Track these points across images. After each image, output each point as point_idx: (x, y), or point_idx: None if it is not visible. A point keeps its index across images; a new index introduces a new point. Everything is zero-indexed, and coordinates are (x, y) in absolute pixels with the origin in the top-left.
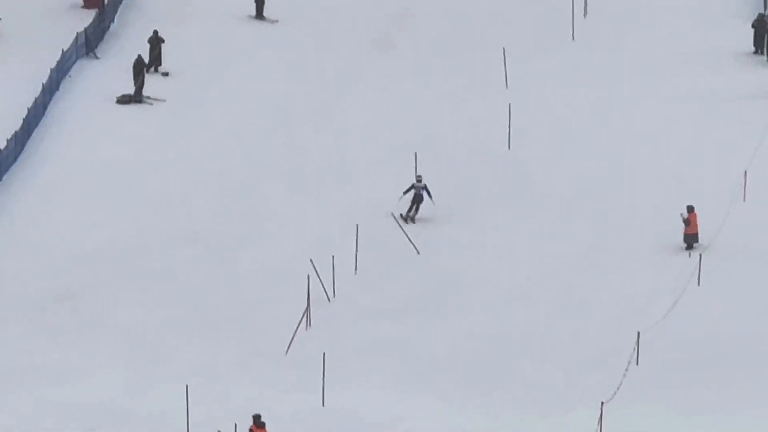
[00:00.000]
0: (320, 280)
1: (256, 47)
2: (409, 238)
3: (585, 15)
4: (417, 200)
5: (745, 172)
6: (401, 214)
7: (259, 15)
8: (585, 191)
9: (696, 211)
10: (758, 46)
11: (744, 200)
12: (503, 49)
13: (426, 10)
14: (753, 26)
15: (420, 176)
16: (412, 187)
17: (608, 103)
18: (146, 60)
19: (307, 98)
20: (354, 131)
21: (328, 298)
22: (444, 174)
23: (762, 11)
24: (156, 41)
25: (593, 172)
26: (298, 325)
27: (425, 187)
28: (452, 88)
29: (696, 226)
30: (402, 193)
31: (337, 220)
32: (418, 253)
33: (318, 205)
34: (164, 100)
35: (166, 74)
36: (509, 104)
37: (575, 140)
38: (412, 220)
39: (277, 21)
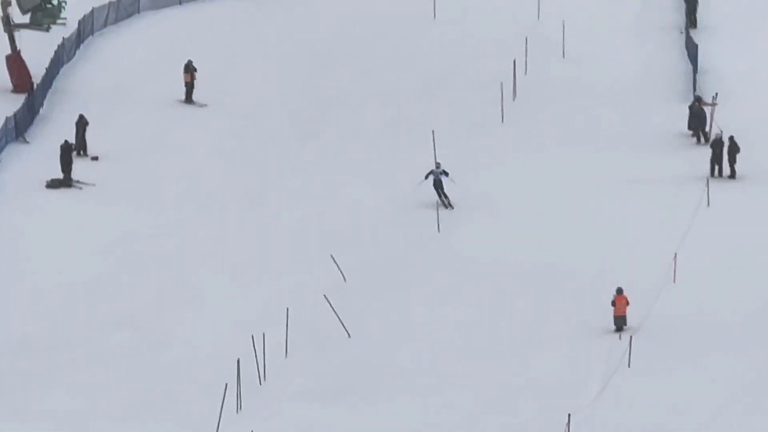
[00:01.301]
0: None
1: (186, 132)
2: (341, 321)
3: (514, 98)
4: (438, 186)
5: (675, 254)
6: (442, 202)
7: (189, 99)
8: (515, 273)
9: (625, 293)
10: (694, 128)
11: (674, 282)
12: (432, 132)
13: (355, 94)
14: (690, 108)
15: (439, 163)
16: (431, 172)
17: (538, 186)
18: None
19: (236, 183)
20: (283, 215)
21: (260, 381)
22: (374, 257)
23: (699, 93)
24: (81, 124)
25: (523, 254)
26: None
27: (443, 172)
28: (382, 171)
29: (623, 308)
30: (423, 178)
31: (267, 304)
32: (349, 336)
33: (248, 288)
34: (94, 185)
35: (95, 158)
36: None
37: (505, 222)
38: (450, 205)
39: (206, 105)
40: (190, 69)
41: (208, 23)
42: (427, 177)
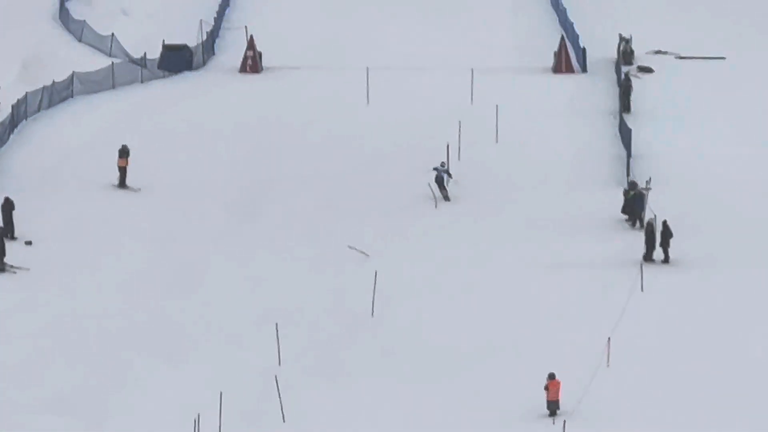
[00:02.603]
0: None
1: (120, 216)
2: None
3: (448, 185)
4: (439, 182)
5: (609, 338)
6: (442, 195)
7: (122, 184)
8: (448, 357)
9: (558, 377)
10: (628, 213)
11: (608, 366)
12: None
13: (288, 178)
14: (624, 194)
15: (443, 162)
16: (435, 169)
17: (471, 269)
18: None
19: (169, 266)
20: (218, 299)
21: None
22: (309, 341)
23: (633, 178)
24: (7, 207)
25: (457, 338)
26: None
27: (446, 171)
28: (316, 255)
29: (557, 392)
30: (433, 181)
31: (200, 387)
32: (284, 420)
33: (182, 372)
34: (28, 269)
35: (29, 243)
36: (375, 271)
37: (439, 306)
38: (448, 198)
39: (140, 189)
40: (124, 153)
41: (142, 107)
42: (436, 176)
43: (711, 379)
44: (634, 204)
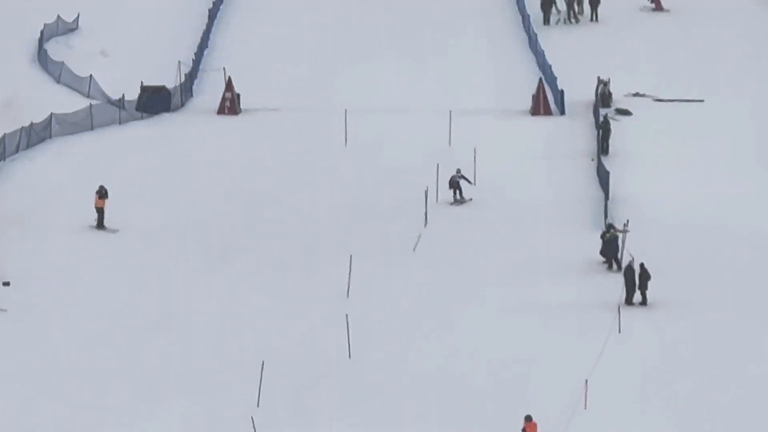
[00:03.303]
0: None
1: (97, 257)
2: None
3: (426, 225)
4: (455, 186)
5: (587, 380)
6: (455, 199)
7: (100, 225)
8: (425, 400)
9: (535, 419)
10: (606, 256)
11: (585, 408)
12: (350, 256)
13: (267, 220)
14: (601, 236)
15: (459, 169)
16: (452, 178)
17: (451, 312)
18: None
19: (149, 308)
20: (197, 340)
21: None
22: (286, 383)
23: (610, 221)
24: None
25: (433, 381)
26: None
27: (463, 177)
28: (294, 298)
29: None
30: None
31: (180, 429)
32: None
33: (160, 412)
34: (5, 310)
35: (7, 284)
36: (348, 314)
37: (415, 348)
38: (460, 202)
39: (118, 230)
40: (102, 194)
41: (120, 149)
42: (454, 182)
43: (689, 421)
44: (609, 246)
